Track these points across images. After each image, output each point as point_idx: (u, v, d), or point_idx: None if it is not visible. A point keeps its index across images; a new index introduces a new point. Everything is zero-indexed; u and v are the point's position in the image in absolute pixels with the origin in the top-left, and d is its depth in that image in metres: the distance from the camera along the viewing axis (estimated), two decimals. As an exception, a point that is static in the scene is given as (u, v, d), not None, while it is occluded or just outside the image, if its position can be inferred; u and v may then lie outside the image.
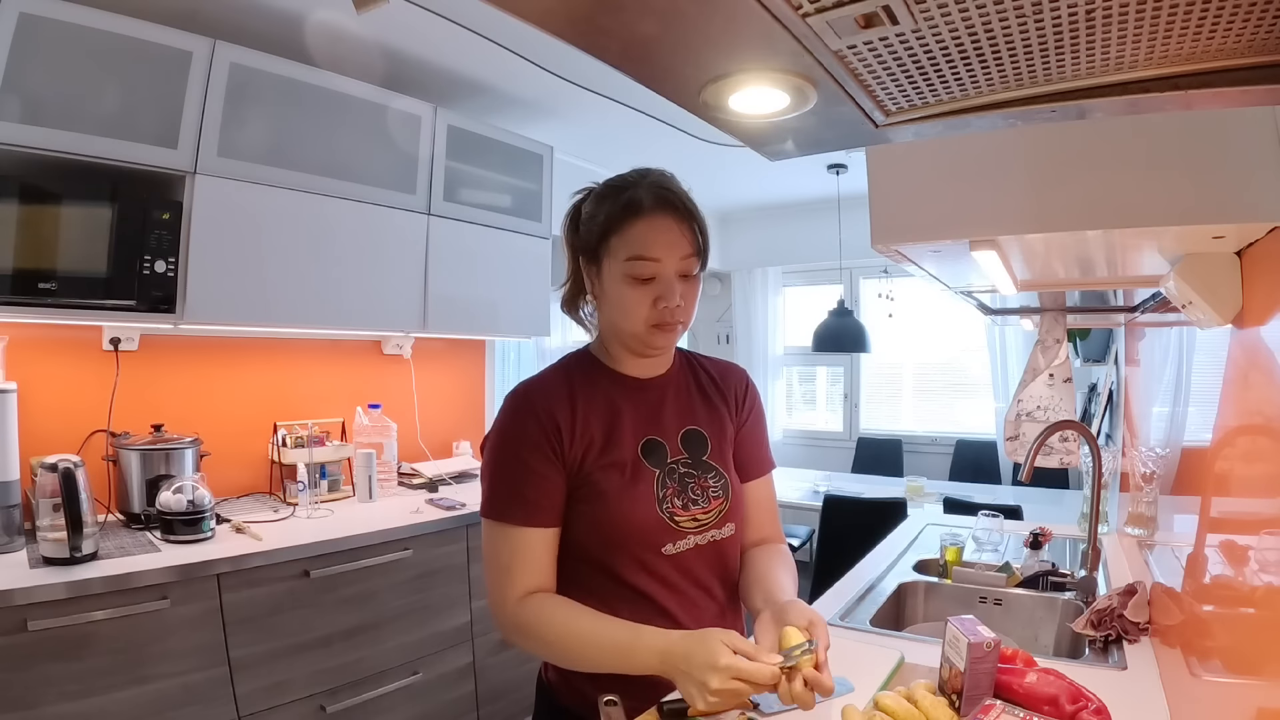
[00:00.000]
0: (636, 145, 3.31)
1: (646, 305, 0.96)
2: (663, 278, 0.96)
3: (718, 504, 1.04)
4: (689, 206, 0.98)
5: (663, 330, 0.98)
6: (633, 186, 0.97)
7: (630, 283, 0.96)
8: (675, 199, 0.97)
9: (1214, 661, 0.89)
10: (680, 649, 0.86)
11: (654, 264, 0.95)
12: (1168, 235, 0.89)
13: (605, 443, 1.00)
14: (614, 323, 1.02)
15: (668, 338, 1.00)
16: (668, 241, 0.95)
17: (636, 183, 0.98)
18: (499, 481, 0.99)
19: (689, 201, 0.98)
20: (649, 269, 0.95)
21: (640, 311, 0.96)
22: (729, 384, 1.15)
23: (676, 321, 0.98)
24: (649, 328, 0.97)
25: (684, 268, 0.97)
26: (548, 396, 1.01)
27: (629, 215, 0.95)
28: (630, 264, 0.95)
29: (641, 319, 0.97)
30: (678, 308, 0.96)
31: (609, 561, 1.00)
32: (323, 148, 2.20)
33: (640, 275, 0.95)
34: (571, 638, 0.94)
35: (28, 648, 1.45)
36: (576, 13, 0.46)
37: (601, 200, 0.99)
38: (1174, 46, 0.45)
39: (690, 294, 0.99)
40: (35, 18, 1.65)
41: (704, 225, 0.99)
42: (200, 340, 2.27)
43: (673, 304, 0.96)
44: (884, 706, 0.91)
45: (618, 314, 0.99)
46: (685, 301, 0.98)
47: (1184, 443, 1.29)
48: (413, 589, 2.12)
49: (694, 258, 0.97)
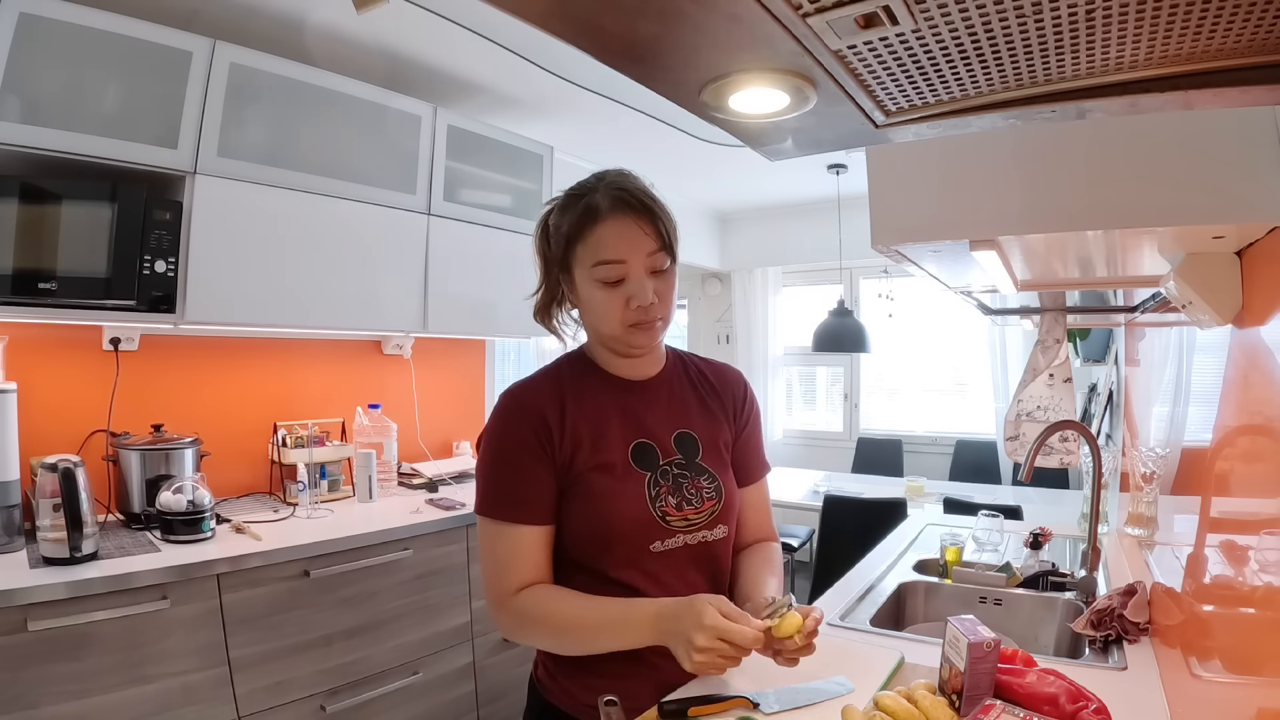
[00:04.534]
0: (636, 145, 3.31)
1: (620, 307, 0.97)
2: (632, 278, 0.96)
3: (710, 505, 1.05)
4: (647, 203, 0.97)
5: (641, 329, 0.98)
6: (590, 192, 0.97)
7: (601, 287, 0.96)
8: (632, 198, 0.96)
9: (1214, 661, 0.89)
10: (671, 611, 0.91)
11: (620, 266, 0.95)
12: (1168, 235, 0.89)
13: (594, 443, 1.01)
14: (594, 327, 1.03)
15: (648, 336, 1.00)
16: (630, 241, 0.95)
17: (594, 188, 0.98)
18: (492, 480, 1.01)
19: (647, 198, 0.97)
20: (616, 271, 0.95)
21: (615, 314, 0.97)
22: (726, 389, 1.15)
23: (654, 319, 0.98)
24: (627, 328, 0.98)
25: (652, 264, 0.96)
26: (538, 396, 1.02)
27: (588, 221, 0.96)
28: (597, 269, 0.96)
29: (617, 321, 0.97)
30: (652, 305, 0.96)
31: (598, 560, 1.01)
32: (323, 148, 2.20)
33: (608, 279, 0.96)
34: (568, 620, 0.96)
35: (28, 648, 1.45)
36: (576, 13, 0.46)
37: (564, 210, 1.00)
38: (1174, 46, 0.45)
39: (664, 289, 0.98)
40: (35, 18, 1.65)
41: (668, 218, 0.98)
42: (200, 340, 2.27)
43: (646, 302, 0.96)
44: (884, 706, 0.91)
45: (595, 319, 1.01)
46: (660, 298, 0.97)
47: (1184, 443, 1.29)
48: (413, 589, 2.12)
49: (661, 253, 0.97)
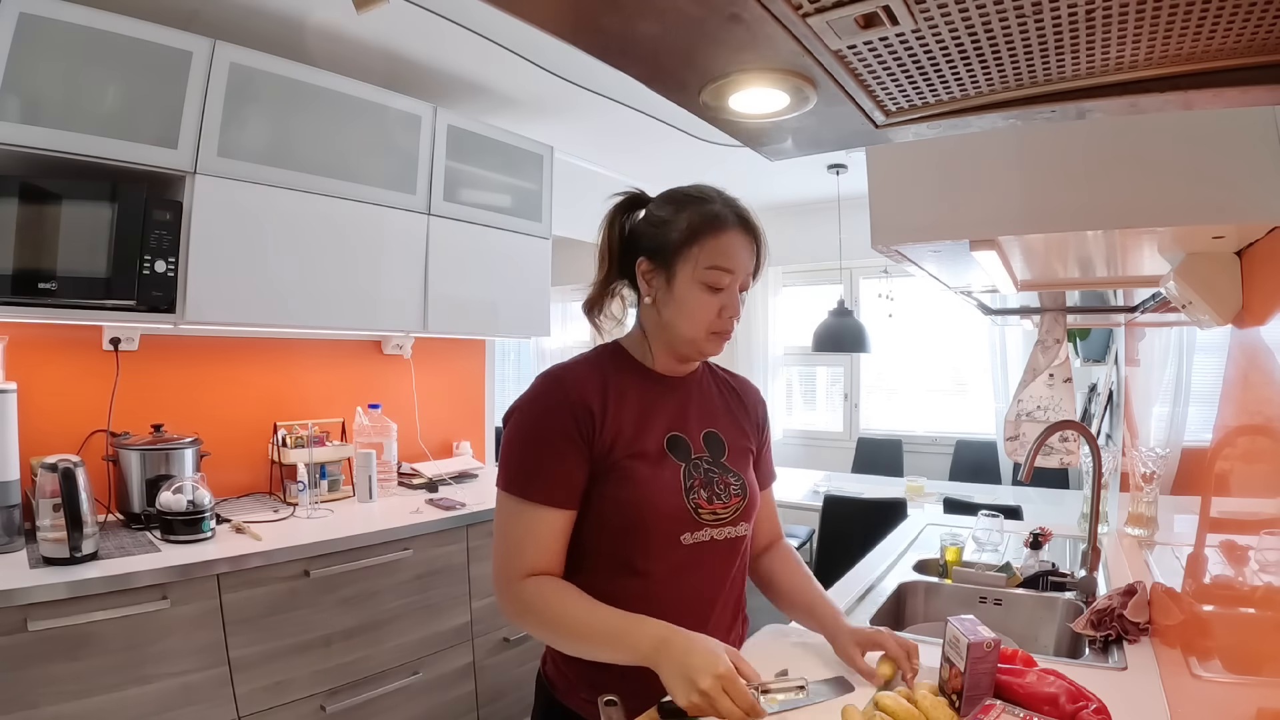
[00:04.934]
0: (636, 145, 3.30)
1: (713, 313, 1.02)
2: (731, 289, 1.03)
3: (736, 501, 1.08)
4: (759, 228, 1.07)
5: (719, 338, 1.05)
6: (713, 201, 1.04)
7: (704, 290, 1.01)
8: (750, 220, 1.05)
9: (1214, 661, 0.89)
10: (682, 641, 0.89)
11: (729, 275, 1.02)
12: (1168, 235, 0.89)
13: (635, 433, 1.03)
14: (673, 324, 1.05)
15: (719, 345, 1.06)
16: (744, 256, 1.03)
17: (713, 198, 1.05)
18: (521, 457, 1.01)
19: (759, 224, 1.07)
20: (723, 279, 1.01)
21: (707, 317, 1.02)
22: (749, 402, 1.20)
23: (730, 330, 1.05)
24: (709, 334, 1.03)
25: (746, 284, 1.05)
26: (581, 382, 1.03)
27: (715, 226, 1.02)
28: (709, 272, 1.01)
29: (705, 324, 1.03)
30: (735, 318, 1.04)
31: (628, 548, 1.01)
32: (323, 148, 2.19)
33: (716, 284, 1.01)
34: (569, 619, 0.96)
35: (28, 648, 1.45)
36: (576, 13, 0.46)
37: (681, 207, 1.04)
38: (1174, 46, 0.45)
39: (741, 308, 1.06)
40: (35, 18, 1.65)
41: (765, 248, 1.08)
42: (200, 340, 2.27)
43: (737, 315, 1.04)
44: (884, 707, 0.91)
45: (682, 317, 1.03)
46: (738, 314, 1.05)
47: (1184, 443, 1.29)
48: (413, 589, 2.12)
49: (752, 275, 1.06)
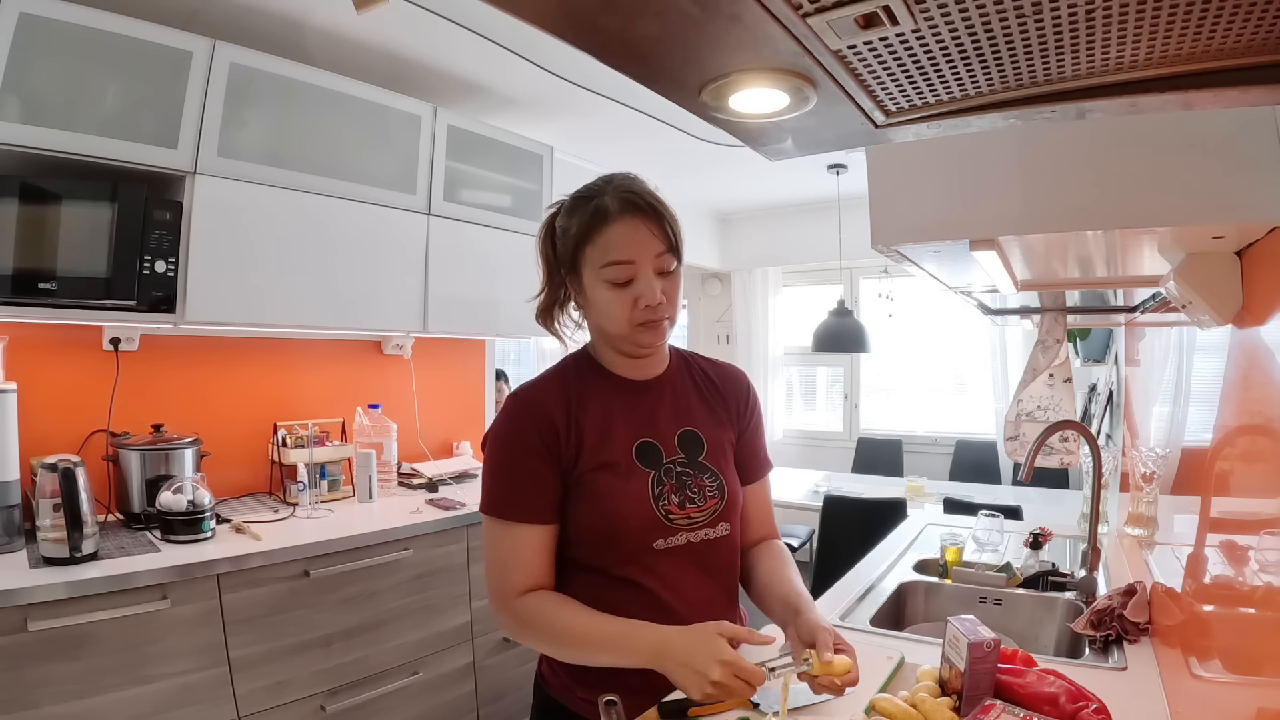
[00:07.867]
0: (636, 145, 3.31)
1: (628, 307, 0.98)
2: (640, 278, 0.98)
3: (713, 503, 1.07)
4: (655, 205, 0.99)
5: (649, 328, 1.00)
6: (598, 194, 1.00)
7: (609, 288, 0.98)
8: (640, 200, 0.98)
9: (1214, 661, 0.89)
10: (680, 644, 0.90)
11: (629, 266, 0.97)
12: (1168, 235, 0.89)
13: (599, 443, 1.02)
14: (601, 328, 1.05)
15: (655, 335, 1.02)
16: (639, 242, 0.97)
17: (602, 190, 1.00)
18: (497, 480, 1.03)
19: (655, 200, 1.00)
20: (625, 272, 0.97)
21: (624, 314, 0.99)
22: (730, 390, 1.16)
23: (660, 318, 1.00)
24: (634, 328, 1.00)
25: (659, 265, 0.99)
26: (544, 398, 1.03)
27: (598, 223, 0.98)
28: (606, 269, 0.98)
29: (626, 321, 0.99)
30: (659, 304, 0.99)
31: (602, 558, 1.03)
32: (323, 148, 2.19)
33: (617, 279, 0.98)
34: (568, 632, 0.97)
35: (28, 648, 1.45)
36: (576, 13, 0.46)
37: (571, 212, 1.02)
38: (1174, 47, 0.45)
39: (671, 290, 1.01)
40: (35, 18, 1.65)
41: (674, 220, 1.01)
42: (200, 340, 2.27)
43: (654, 301, 0.98)
44: (882, 710, 0.91)
45: (604, 319, 1.02)
46: (667, 298, 1.00)
47: (1184, 443, 1.29)
48: (413, 589, 2.12)
49: (668, 254, 1.00)
